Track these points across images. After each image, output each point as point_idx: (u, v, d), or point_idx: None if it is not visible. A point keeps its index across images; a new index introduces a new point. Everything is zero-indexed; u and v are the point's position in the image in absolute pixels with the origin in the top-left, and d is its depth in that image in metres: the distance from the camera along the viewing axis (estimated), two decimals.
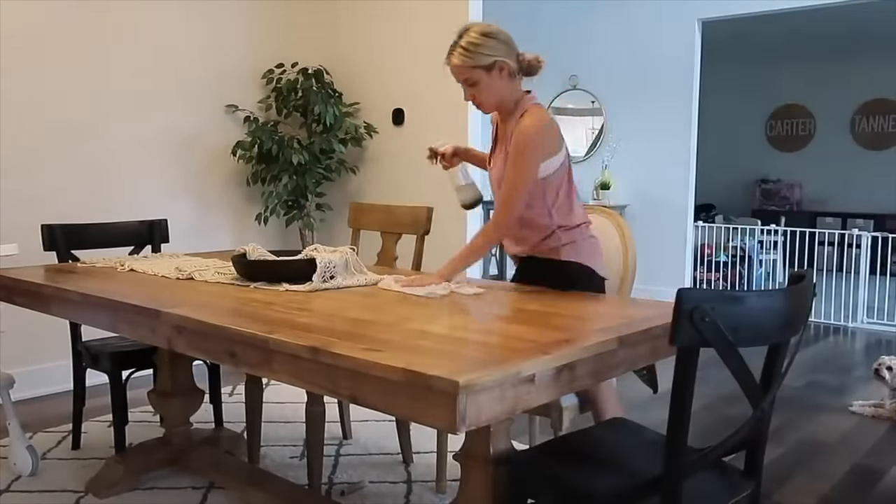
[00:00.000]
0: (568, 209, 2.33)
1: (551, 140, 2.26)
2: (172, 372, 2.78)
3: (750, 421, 1.52)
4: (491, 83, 2.25)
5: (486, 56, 2.22)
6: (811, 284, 1.55)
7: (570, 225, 2.33)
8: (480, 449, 1.63)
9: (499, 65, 2.23)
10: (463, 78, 2.27)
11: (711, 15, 6.27)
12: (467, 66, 2.23)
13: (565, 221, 2.32)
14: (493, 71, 2.23)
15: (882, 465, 3.08)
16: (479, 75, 2.24)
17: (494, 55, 2.22)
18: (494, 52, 2.23)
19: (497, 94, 2.28)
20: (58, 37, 3.88)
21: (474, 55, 2.22)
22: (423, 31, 4.53)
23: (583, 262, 2.32)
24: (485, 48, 2.22)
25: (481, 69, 2.23)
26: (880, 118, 9.37)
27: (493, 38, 2.24)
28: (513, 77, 2.28)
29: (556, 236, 2.32)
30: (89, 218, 3.81)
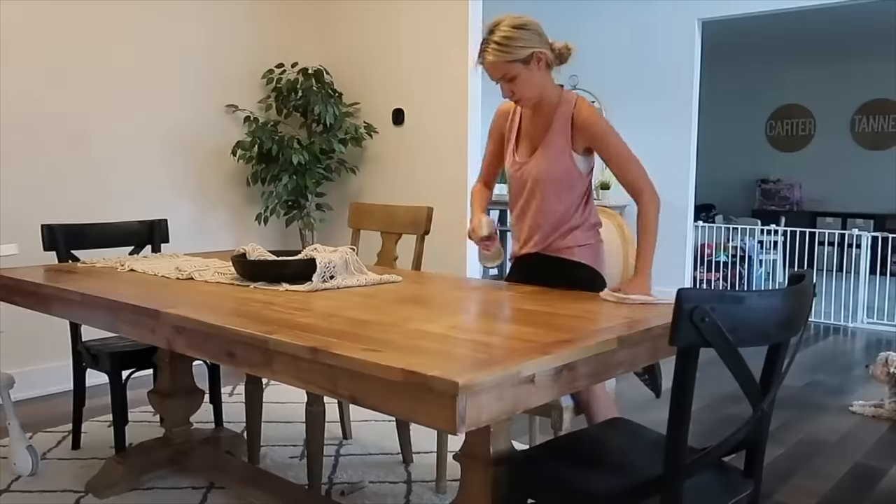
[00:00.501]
0: (589, 210, 2.34)
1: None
2: (172, 372, 2.78)
3: (750, 421, 1.52)
4: (531, 76, 2.18)
5: (523, 49, 2.14)
6: (811, 284, 1.55)
7: (588, 226, 2.33)
8: (480, 449, 1.63)
9: (536, 55, 2.16)
10: (500, 75, 2.18)
11: (711, 15, 6.27)
12: (504, 62, 2.14)
13: (585, 220, 2.32)
14: (531, 63, 2.16)
15: (882, 465, 3.08)
16: (517, 69, 2.16)
17: (531, 46, 2.15)
18: (530, 43, 2.15)
19: (537, 86, 2.21)
20: (58, 37, 3.88)
21: (510, 49, 2.13)
22: (423, 32, 4.53)
23: (592, 265, 2.32)
24: (520, 40, 2.14)
25: (519, 63, 2.15)
26: (880, 118, 9.37)
27: (527, 28, 2.16)
28: (550, 67, 2.23)
29: (573, 235, 2.30)
30: (89, 218, 3.81)
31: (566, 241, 2.30)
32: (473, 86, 4.37)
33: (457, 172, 4.42)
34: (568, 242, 2.30)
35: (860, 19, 7.86)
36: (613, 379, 2.23)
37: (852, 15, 7.51)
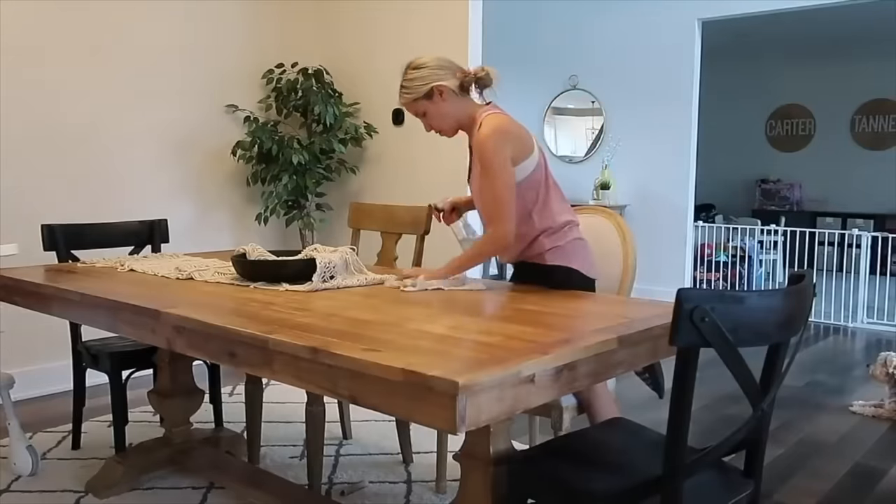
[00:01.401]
0: (549, 211, 2.31)
1: (516, 143, 2.23)
2: (172, 372, 2.78)
3: (750, 421, 1.52)
4: (437, 108, 2.30)
5: (421, 86, 2.29)
6: (811, 284, 1.55)
7: (554, 227, 2.31)
8: (480, 449, 1.63)
9: (436, 89, 2.28)
10: (413, 112, 2.34)
11: (711, 15, 6.27)
12: (410, 101, 2.31)
13: (548, 224, 2.30)
14: (433, 97, 2.28)
15: (882, 465, 3.08)
16: (423, 106, 2.30)
17: (428, 82, 2.28)
18: (427, 79, 2.29)
19: (447, 116, 2.31)
20: (58, 37, 3.88)
21: (410, 90, 2.30)
22: (423, 31, 4.53)
23: (568, 265, 2.31)
24: (417, 80, 2.30)
25: (422, 99, 2.29)
26: (880, 118, 9.37)
27: (423, 67, 2.32)
28: (458, 95, 2.30)
29: (539, 242, 2.31)
30: (89, 218, 3.81)
31: (533, 249, 2.32)
32: None
33: (457, 172, 4.42)
34: (535, 250, 2.32)
35: (860, 19, 7.87)
36: (613, 379, 2.23)
37: (852, 15, 7.51)
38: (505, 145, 2.20)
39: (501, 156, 2.19)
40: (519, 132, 2.25)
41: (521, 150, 2.24)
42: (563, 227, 2.32)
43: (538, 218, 2.29)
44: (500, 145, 2.19)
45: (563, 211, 2.35)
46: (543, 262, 2.31)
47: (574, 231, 2.36)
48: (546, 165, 2.34)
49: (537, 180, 2.29)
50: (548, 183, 2.33)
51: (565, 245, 2.31)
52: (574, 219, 2.38)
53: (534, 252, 2.32)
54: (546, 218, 2.30)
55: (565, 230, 2.33)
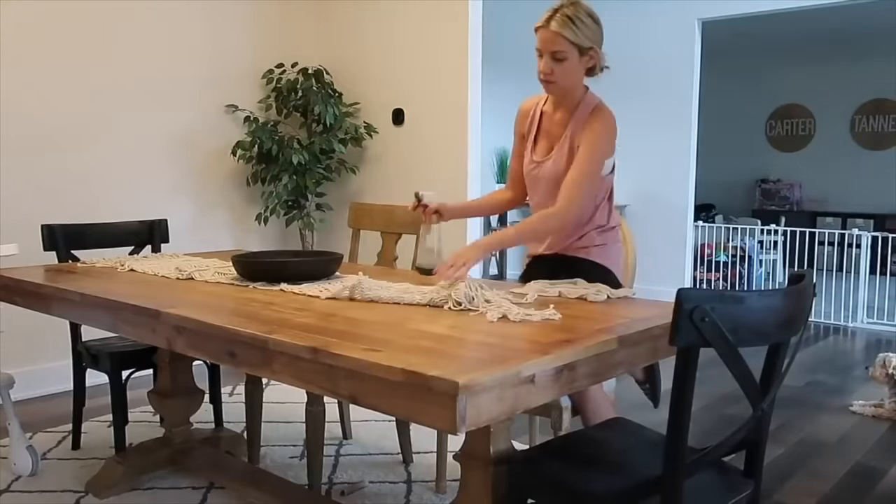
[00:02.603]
0: (608, 211, 2.34)
1: (614, 141, 2.27)
2: (172, 372, 2.78)
3: (750, 421, 1.52)
4: (577, 67, 2.17)
5: (588, 38, 2.14)
6: (811, 284, 1.55)
7: (606, 227, 2.33)
8: (480, 449, 1.63)
9: (591, 52, 2.17)
10: (554, 49, 2.14)
11: (711, 15, 6.27)
12: (566, 39, 2.12)
13: (603, 222, 2.32)
14: (584, 56, 2.16)
15: (882, 465, 3.08)
16: (570, 53, 2.14)
17: (594, 42, 2.17)
18: (596, 38, 2.17)
19: (575, 80, 2.21)
20: (58, 37, 3.88)
21: (580, 31, 2.12)
22: (423, 32, 4.53)
23: (609, 267, 2.31)
24: (591, 30, 2.15)
25: (577, 48, 2.14)
26: (880, 118, 9.37)
27: (598, 24, 2.18)
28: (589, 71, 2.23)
29: (590, 236, 2.31)
30: (89, 218, 3.81)
31: (582, 242, 2.31)
32: (473, 85, 4.37)
33: (457, 172, 4.42)
34: (584, 242, 2.31)
35: (860, 19, 7.87)
36: (613, 379, 2.23)
37: (852, 15, 7.51)
38: (612, 142, 2.22)
39: (606, 149, 2.19)
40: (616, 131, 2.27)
41: (614, 146, 2.28)
42: (612, 229, 2.35)
43: (598, 214, 2.30)
44: (611, 141, 2.20)
45: (615, 215, 2.38)
46: (587, 257, 2.30)
47: (618, 236, 2.38)
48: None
49: (609, 179, 2.31)
50: (611, 185, 2.36)
51: (611, 246, 2.33)
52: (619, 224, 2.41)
53: (582, 244, 2.31)
54: (603, 217, 2.32)
55: (614, 231, 2.36)
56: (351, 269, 2.61)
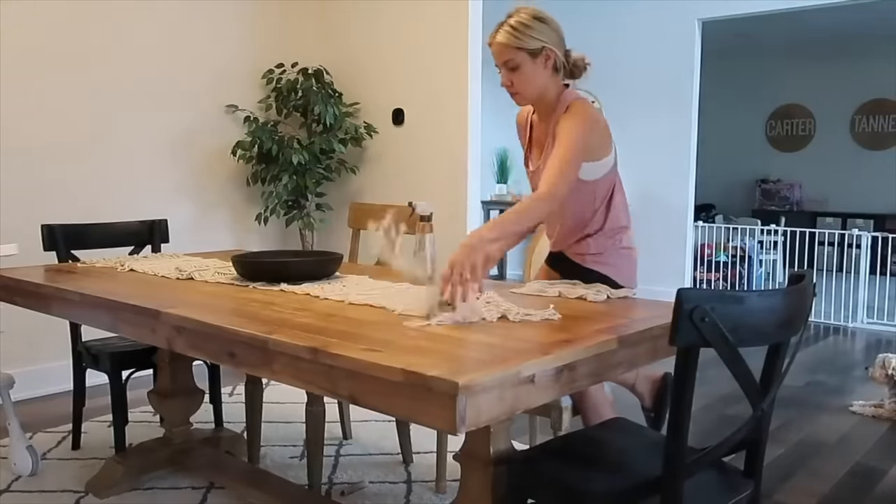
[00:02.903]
0: (609, 215, 2.24)
1: (601, 138, 2.14)
2: (172, 372, 2.78)
3: (750, 421, 1.52)
4: (534, 71, 2.10)
5: (534, 39, 2.07)
6: (811, 284, 1.55)
7: (605, 232, 2.25)
8: (480, 449, 1.63)
9: (546, 52, 2.10)
10: (504, 59, 2.11)
11: (711, 15, 6.27)
12: (512, 47, 2.08)
13: (601, 228, 2.25)
14: (538, 58, 2.10)
15: (882, 465, 3.08)
16: (522, 59, 2.09)
17: (544, 41, 2.08)
18: (544, 36, 2.09)
19: (537, 84, 2.13)
20: (58, 37, 3.88)
21: (522, 36, 2.07)
22: (423, 31, 4.53)
23: (603, 273, 2.25)
24: (534, 31, 2.08)
25: (525, 53, 2.08)
26: (880, 118, 9.37)
27: (546, 23, 2.10)
28: (557, 70, 2.14)
29: (585, 243, 2.26)
30: (89, 218, 3.81)
31: (578, 248, 2.28)
32: (473, 86, 4.37)
33: (457, 172, 4.42)
34: (580, 249, 2.27)
35: (860, 19, 7.87)
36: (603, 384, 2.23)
37: (852, 15, 7.51)
38: (591, 134, 2.09)
39: (583, 141, 2.06)
40: (605, 128, 2.17)
41: (602, 146, 2.16)
42: (615, 234, 2.26)
43: (596, 220, 2.24)
44: (588, 132, 2.07)
45: (622, 217, 2.28)
46: (582, 263, 2.27)
47: (624, 239, 2.28)
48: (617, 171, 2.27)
49: (610, 180, 2.22)
50: (615, 186, 2.26)
51: (608, 253, 2.26)
52: (628, 225, 2.31)
53: (578, 250, 2.28)
54: (605, 222, 2.25)
55: (617, 237, 2.26)
56: (351, 270, 2.61)
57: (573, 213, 2.25)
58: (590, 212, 2.24)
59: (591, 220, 2.25)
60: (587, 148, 2.09)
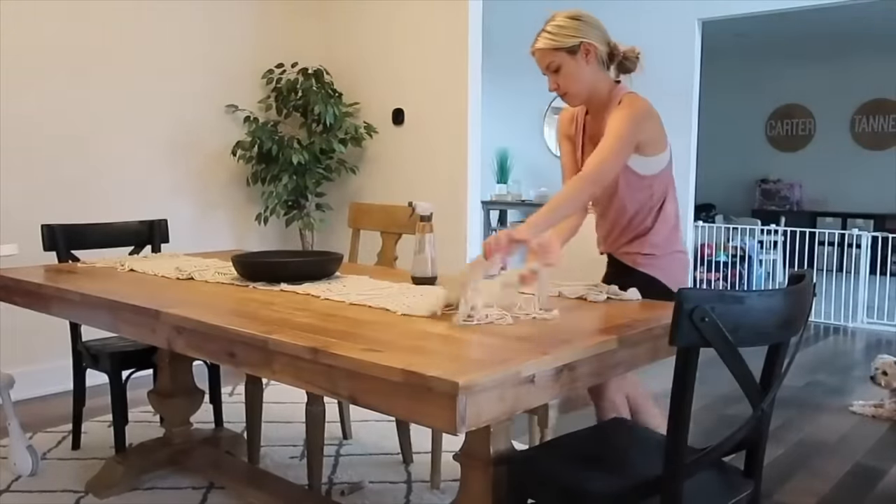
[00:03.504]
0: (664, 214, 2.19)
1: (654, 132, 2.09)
2: (172, 372, 2.78)
3: (750, 421, 1.52)
4: (576, 69, 2.08)
5: (570, 38, 2.06)
6: (811, 284, 1.55)
7: (660, 234, 2.19)
8: (480, 449, 1.63)
9: (584, 47, 2.07)
10: (546, 63, 2.11)
11: (711, 15, 6.27)
12: (549, 49, 2.09)
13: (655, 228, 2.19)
14: (577, 54, 2.08)
15: (882, 465, 3.08)
16: (561, 59, 2.08)
17: (580, 36, 2.07)
18: (580, 33, 2.07)
19: (583, 81, 2.10)
20: (59, 37, 3.88)
21: (557, 37, 2.07)
22: (424, 32, 4.53)
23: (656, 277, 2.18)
24: (570, 30, 2.07)
25: (564, 52, 2.07)
26: (880, 118, 9.37)
27: (580, 20, 2.09)
28: (602, 64, 2.11)
29: (639, 242, 2.20)
30: (89, 218, 3.81)
31: (630, 248, 2.22)
32: (473, 86, 4.37)
33: (456, 172, 4.42)
34: (632, 249, 2.21)
35: (860, 19, 7.87)
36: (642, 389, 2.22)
37: (852, 15, 7.51)
38: (642, 127, 2.05)
39: (631, 131, 2.01)
40: (658, 123, 2.12)
41: (656, 141, 2.11)
42: (669, 235, 2.21)
43: (649, 219, 2.18)
44: (637, 124, 2.03)
45: (675, 217, 2.23)
46: (632, 265, 2.21)
47: (677, 242, 2.24)
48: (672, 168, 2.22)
49: (666, 178, 2.17)
50: (671, 184, 2.21)
51: (661, 255, 2.19)
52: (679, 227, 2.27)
53: (630, 250, 2.22)
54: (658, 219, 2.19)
55: (671, 239, 2.21)
56: (351, 270, 2.61)
57: (628, 210, 2.19)
58: (646, 209, 2.18)
59: (645, 219, 2.19)
60: (636, 139, 2.04)
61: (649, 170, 2.13)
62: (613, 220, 2.24)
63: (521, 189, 7.60)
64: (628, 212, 2.19)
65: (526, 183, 7.56)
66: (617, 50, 2.15)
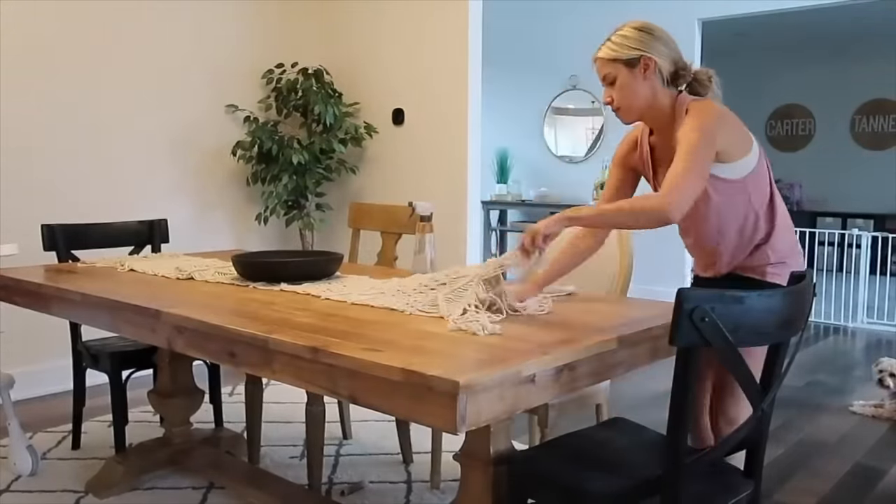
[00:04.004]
0: (777, 214, 1.97)
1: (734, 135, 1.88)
2: (172, 372, 2.78)
3: (750, 421, 1.52)
4: (632, 82, 1.92)
5: (632, 49, 1.92)
6: (811, 284, 1.55)
7: (780, 237, 1.97)
8: (480, 449, 1.63)
9: (644, 61, 1.91)
10: (603, 74, 1.97)
11: (711, 15, 6.27)
12: (608, 59, 1.95)
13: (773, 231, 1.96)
14: (636, 68, 1.92)
15: (882, 465, 3.08)
16: (618, 70, 1.93)
17: (641, 49, 1.92)
18: (642, 46, 1.93)
19: (638, 97, 1.93)
20: (58, 37, 3.88)
21: (618, 47, 1.94)
22: (423, 32, 4.53)
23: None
24: (632, 41, 1.94)
25: (621, 63, 1.93)
26: (880, 118, 9.37)
27: (647, 32, 1.96)
28: (664, 82, 1.95)
29: (762, 253, 1.96)
30: (89, 218, 3.81)
31: (753, 260, 1.97)
32: (473, 86, 4.37)
33: (457, 172, 4.42)
34: (756, 261, 1.97)
35: (860, 19, 7.87)
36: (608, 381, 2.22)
37: (852, 15, 7.51)
38: (718, 132, 1.83)
39: (705, 142, 1.79)
40: (738, 124, 1.91)
41: (738, 143, 1.89)
42: (789, 236, 2.00)
43: (765, 220, 1.95)
44: (710, 132, 1.81)
45: (787, 217, 2.01)
46: (762, 278, 1.96)
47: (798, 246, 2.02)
48: (768, 164, 1.99)
49: (762, 175, 1.94)
50: (772, 182, 1.99)
51: (790, 259, 1.97)
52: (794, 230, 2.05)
53: (753, 263, 1.97)
54: (772, 222, 1.96)
55: (792, 239, 2.00)
56: (351, 270, 2.61)
57: (733, 221, 1.96)
58: (752, 216, 1.95)
59: (757, 225, 1.96)
60: (713, 150, 1.82)
61: (737, 173, 1.91)
62: (718, 239, 2.00)
63: (521, 189, 7.60)
64: (734, 223, 1.96)
65: (526, 183, 7.56)
66: (686, 70, 1.99)
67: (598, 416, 2.46)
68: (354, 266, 2.79)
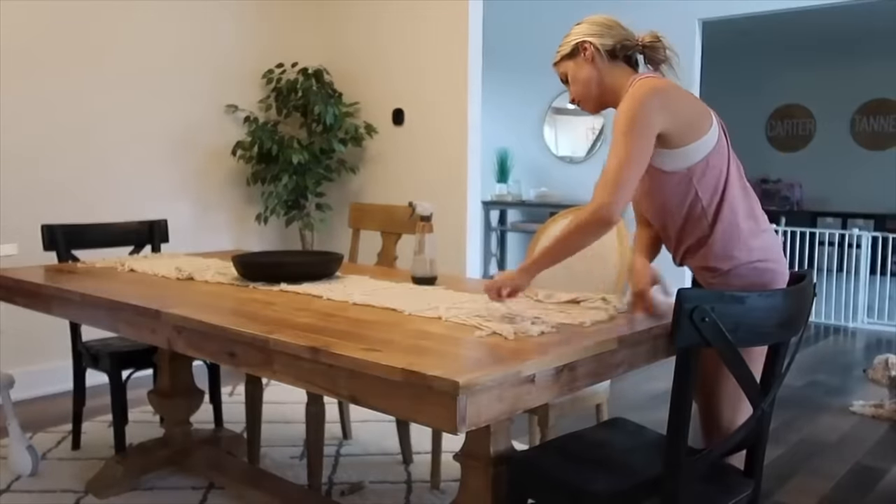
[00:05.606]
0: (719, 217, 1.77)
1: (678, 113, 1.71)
2: (172, 372, 2.78)
3: (750, 421, 1.52)
4: (579, 71, 1.89)
5: (570, 43, 1.91)
6: (811, 284, 1.55)
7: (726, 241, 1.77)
8: (480, 449, 1.63)
9: (581, 46, 1.88)
10: (560, 76, 1.98)
11: (711, 15, 6.26)
12: (557, 61, 1.95)
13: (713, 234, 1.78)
14: (577, 56, 1.89)
15: (882, 465, 3.08)
16: (566, 66, 1.93)
17: (576, 38, 1.90)
18: (578, 35, 1.90)
19: (584, 83, 1.88)
20: (58, 36, 3.88)
21: (562, 46, 1.94)
22: (424, 31, 4.53)
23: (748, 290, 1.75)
24: (570, 35, 1.93)
25: (567, 58, 1.92)
26: (880, 118, 9.37)
27: (583, 23, 1.94)
28: (608, 59, 1.87)
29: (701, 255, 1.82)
30: (89, 218, 3.81)
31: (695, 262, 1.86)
32: (473, 86, 4.37)
33: (457, 172, 4.42)
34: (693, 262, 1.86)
35: (860, 19, 7.87)
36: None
37: (852, 15, 7.51)
38: (657, 112, 1.68)
39: (644, 121, 1.67)
40: (687, 100, 1.75)
41: (686, 124, 1.72)
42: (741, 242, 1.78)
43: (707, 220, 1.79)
44: (649, 110, 1.68)
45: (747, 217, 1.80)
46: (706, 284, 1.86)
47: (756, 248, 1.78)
48: (729, 148, 1.81)
49: (714, 166, 1.76)
50: (730, 171, 1.79)
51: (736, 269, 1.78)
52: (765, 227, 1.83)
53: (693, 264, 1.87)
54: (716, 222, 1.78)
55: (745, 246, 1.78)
56: (351, 270, 2.61)
57: (675, 213, 1.82)
58: (698, 210, 1.78)
59: (699, 223, 1.79)
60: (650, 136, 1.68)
61: (679, 164, 1.75)
62: (664, 225, 1.90)
63: (521, 189, 7.59)
64: (676, 215, 1.83)
65: (526, 183, 7.56)
66: (631, 40, 1.90)
67: (598, 416, 2.46)
68: (354, 266, 2.80)
